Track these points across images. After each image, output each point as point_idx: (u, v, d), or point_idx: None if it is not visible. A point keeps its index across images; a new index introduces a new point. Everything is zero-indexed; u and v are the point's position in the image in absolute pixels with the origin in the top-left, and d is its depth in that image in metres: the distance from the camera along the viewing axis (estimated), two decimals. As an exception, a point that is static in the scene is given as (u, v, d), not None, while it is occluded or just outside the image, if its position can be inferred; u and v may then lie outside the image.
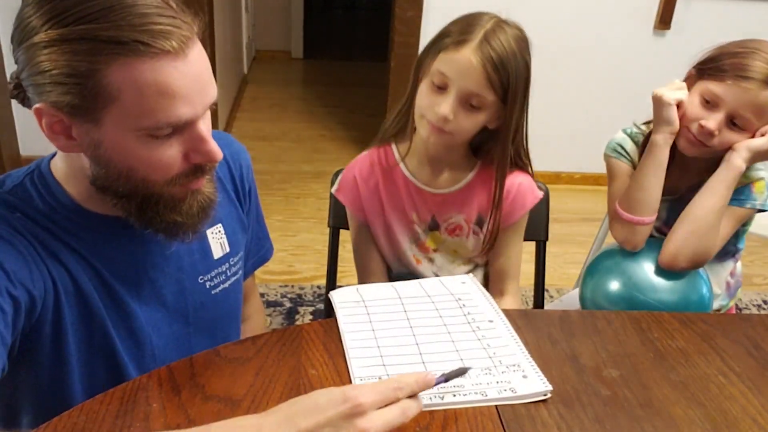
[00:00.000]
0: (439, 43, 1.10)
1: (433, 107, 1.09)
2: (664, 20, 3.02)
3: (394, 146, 1.25)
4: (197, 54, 0.76)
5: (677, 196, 1.28)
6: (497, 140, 1.17)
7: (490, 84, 1.07)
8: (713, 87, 1.15)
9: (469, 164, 1.24)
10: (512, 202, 1.23)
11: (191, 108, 0.76)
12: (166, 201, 0.83)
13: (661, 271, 1.22)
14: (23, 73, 0.74)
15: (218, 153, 0.81)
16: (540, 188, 1.28)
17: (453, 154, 1.21)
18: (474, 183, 1.23)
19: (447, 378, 0.81)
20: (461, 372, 0.82)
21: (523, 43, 1.11)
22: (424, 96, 1.12)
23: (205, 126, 0.80)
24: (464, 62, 1.06)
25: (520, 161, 1.22)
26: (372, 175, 1.25)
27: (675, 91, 1.19)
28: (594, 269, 1.31)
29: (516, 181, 1.23)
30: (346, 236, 1.42)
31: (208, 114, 0.82)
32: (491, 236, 1.23)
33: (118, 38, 0.69)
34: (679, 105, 1.18)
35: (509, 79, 1.08)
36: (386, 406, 0.70)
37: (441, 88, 1.09)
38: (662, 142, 1.21)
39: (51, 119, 0.75)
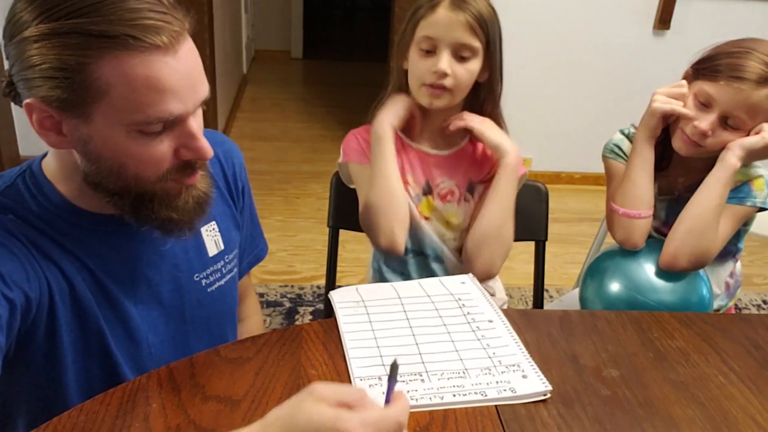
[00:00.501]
0: (412, 19, 1.19)
1: (430, 69, 1.16)
2: (663, 20, 3.02)
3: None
4: (188, 50, 0.76)
5: (675, 196, 1.28)
6: (486, 94, 1.24)
7: (474, 32, 1.15)
8: (706, 87, 1.16)
9: (460, 134, 1.27)
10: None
11: (181, 104, 0.76)
12: (161, 197, 0.83)
13: (661, 272, 1.22)
14: (14, 68, 0.75)
15: (208, 150, 0.81)
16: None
17: (449, 117, 1.24)
18: (465, 149, 1.28)
19: (391, 379, 0.70)
20: (394, 368, 0.70)
21: (489, 2, 1.19)
22: (417, 64, 1.18)
23: (196, 123, 0.80)
24: (445, 19, 1.14)
25: (501, 121, 1.27)
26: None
27: (664, 104, 1.19)
28: (594, 270, 1.31)
29: None
30: (345, 236, 1.42)
31: (200, 112, 0.82)
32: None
33: (109, 32, 0.70)
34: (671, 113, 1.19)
35: (488, 27, 1.16)
36: None
37: (430, 52, 1.16)
38: (644, 140, 1.23)
39: (41, 114, 0.75)
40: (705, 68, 1.17)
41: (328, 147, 3.70)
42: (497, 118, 1.25)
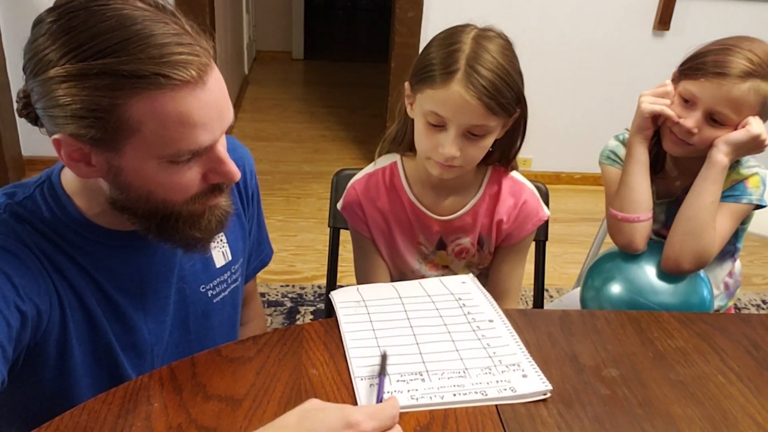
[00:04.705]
0: (423, 74, 1.05)
1: (437, 148, 1.05)
2: (663, 21, 3.02)
3: (399, 164, 1.22)
4: (215, 80, 0.75)
5: (674, 198, 1.28)
6: (501, 146, 1.15)
7: (491, 111, 1.02)
8: (689, 86, 1.17)
9: (476, 182, 1.20)
10: (513, 221, 1.20)
11: (210, 134, 0.76)
12: (185, 218, 0.83)
13: (662, 273, 1.22)
14: (38, 104, 0.74)
15: (236, 173, 0.81)
16: (543, 208, 1.24)
17: (463, 177, 1.17)
18: (478, 206, 1.20)
19: (382, 373, 0.84)
20: (383, 359, 0.86)
21: (508, 51, 1.05)
22: (423, 137, 1.08)
23: (222, 147, 0.80)
24: (457, 99, 1.00)
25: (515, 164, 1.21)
26: (378, 195, 1.22)
27: (652, 104, 1.20)
28: (594, 272, 1.31)
29: (522, 197, 1.20)
30: (346, 236, 1.43)
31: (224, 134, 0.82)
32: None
33: (138, 72, 0.69)
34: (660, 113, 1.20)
35: (507, 98, 1.03)
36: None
37: (438, 126, 1.05)
38: (637, 142, 1.23)
39: (70, 148, 0.75)
40: (688, 67, 1.18)
41: (328, 147, 3.70)
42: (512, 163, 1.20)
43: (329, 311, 1.08)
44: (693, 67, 1.17)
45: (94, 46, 0.68)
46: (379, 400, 0.79)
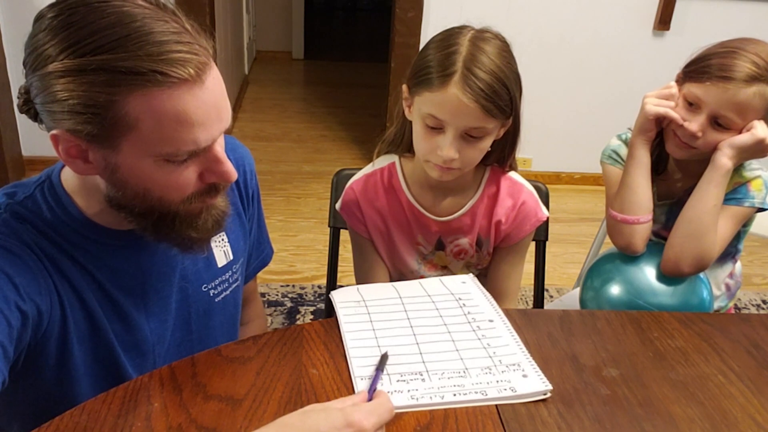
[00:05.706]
0: (420, 77, 1.05)
1: (435, 151, 1.05)
2: (663, 21, 3.02)
3: (398, 165, 1.22)
4: (214, 79, 0.75)
5: (675, 200, 1.28)
6: (499, 146, 1.15)
7: (488, 113, 1.02)
8: (694, 89, 1.16)
9: (474, 182, 1.20)
10: (512, 222, 1.21)
11: (208, 134, 0.76)
12: (182, 218, 0.83)
13: (661, 275, 1.22)
14: (37, 99, 0.74)
15: (233, 173, 0.81)
16: (542, 209, 1.24)
17: (461, 178, 1.16)
18: (476, 207, 1.20)
19: (379, 368, 0.87)
20: (384, 358, 0.89)
21: (505, 53, 1.05)
22: (421, 140, 1.08)
23: (220, 147, 0.80)
24: (455, 102, 1.00)
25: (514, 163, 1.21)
26: (377, 196, 1.22)
27: (657, 107, 1.19)
28: (594, 273, 1.31)
29: (520, 198, 1.21)
30: (346, 236, 1.43)
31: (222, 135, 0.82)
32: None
33: (136, 69, 0.69)
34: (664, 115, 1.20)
35: (504, 100, 1.03)
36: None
37: (436, 128, 1.05)
38: (639, 144, 1.23)
39: (68, 144, 0.75)
40: (693, 70, 1.18)
41: (328, 147, 3.70)
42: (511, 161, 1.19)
43: (329, 311, 1.08)
44: (698, 70, 1.16)
45: (93, 42, 0.69)
46: (371, 391, 0.80)
